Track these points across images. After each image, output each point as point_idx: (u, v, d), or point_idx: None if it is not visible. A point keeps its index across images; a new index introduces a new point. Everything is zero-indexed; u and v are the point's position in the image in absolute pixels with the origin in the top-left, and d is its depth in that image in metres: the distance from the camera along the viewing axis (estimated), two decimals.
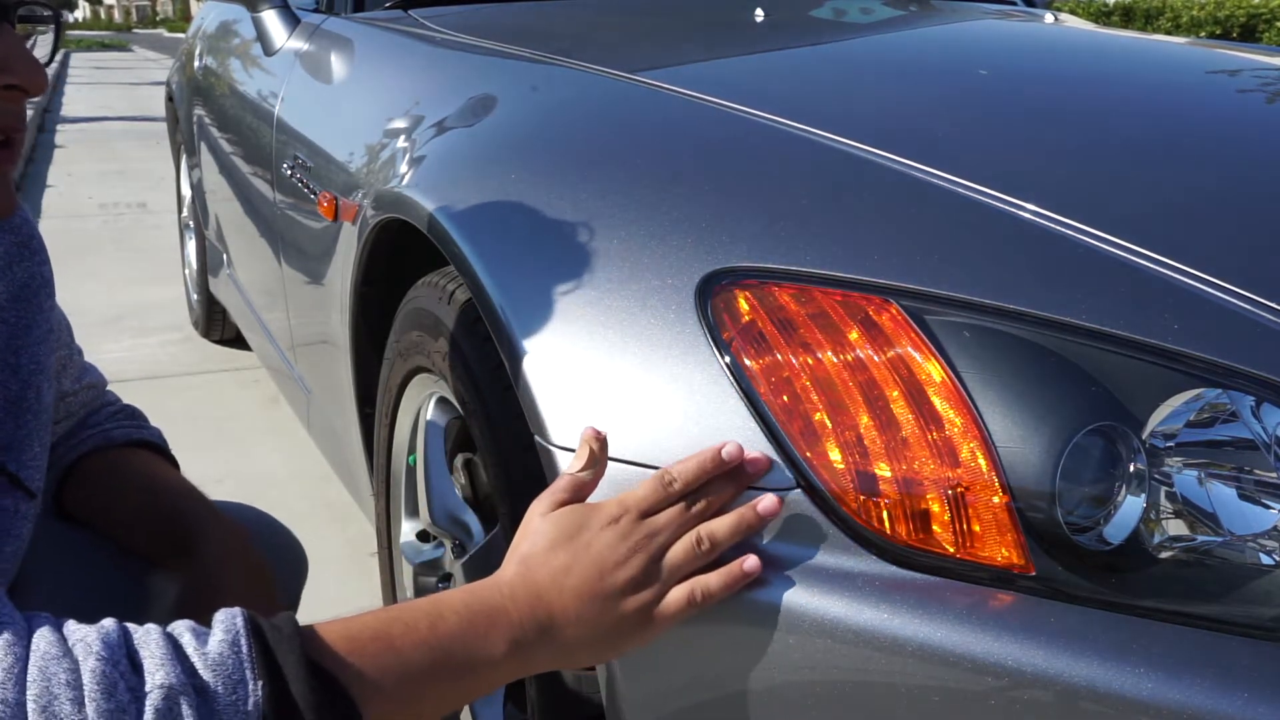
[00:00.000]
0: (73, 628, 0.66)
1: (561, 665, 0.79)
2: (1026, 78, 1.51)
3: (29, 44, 0.75)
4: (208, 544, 0.98)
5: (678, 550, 0.79)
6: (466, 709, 1.25)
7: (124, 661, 0.64)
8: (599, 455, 0.83)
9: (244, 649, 0.66)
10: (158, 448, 1.10)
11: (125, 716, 0.61)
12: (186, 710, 0.63)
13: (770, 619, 0.78)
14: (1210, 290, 0.83)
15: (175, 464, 1.10)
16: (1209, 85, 1.50)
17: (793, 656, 0.78)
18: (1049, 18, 2.12)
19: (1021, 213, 0.92)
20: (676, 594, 0.78)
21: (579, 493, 0.82)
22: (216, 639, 0.66)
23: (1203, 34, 9.41)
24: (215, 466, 2.42)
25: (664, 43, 1.78)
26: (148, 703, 0.62)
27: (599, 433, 0.84)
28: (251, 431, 2.75)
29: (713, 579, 0.79)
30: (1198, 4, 10.01)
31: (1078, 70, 1.56)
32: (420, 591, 1.40)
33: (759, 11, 1.91)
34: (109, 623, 0.66)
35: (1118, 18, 10.29)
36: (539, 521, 0.80)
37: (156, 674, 0.63)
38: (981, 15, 2.07)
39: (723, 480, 0.81)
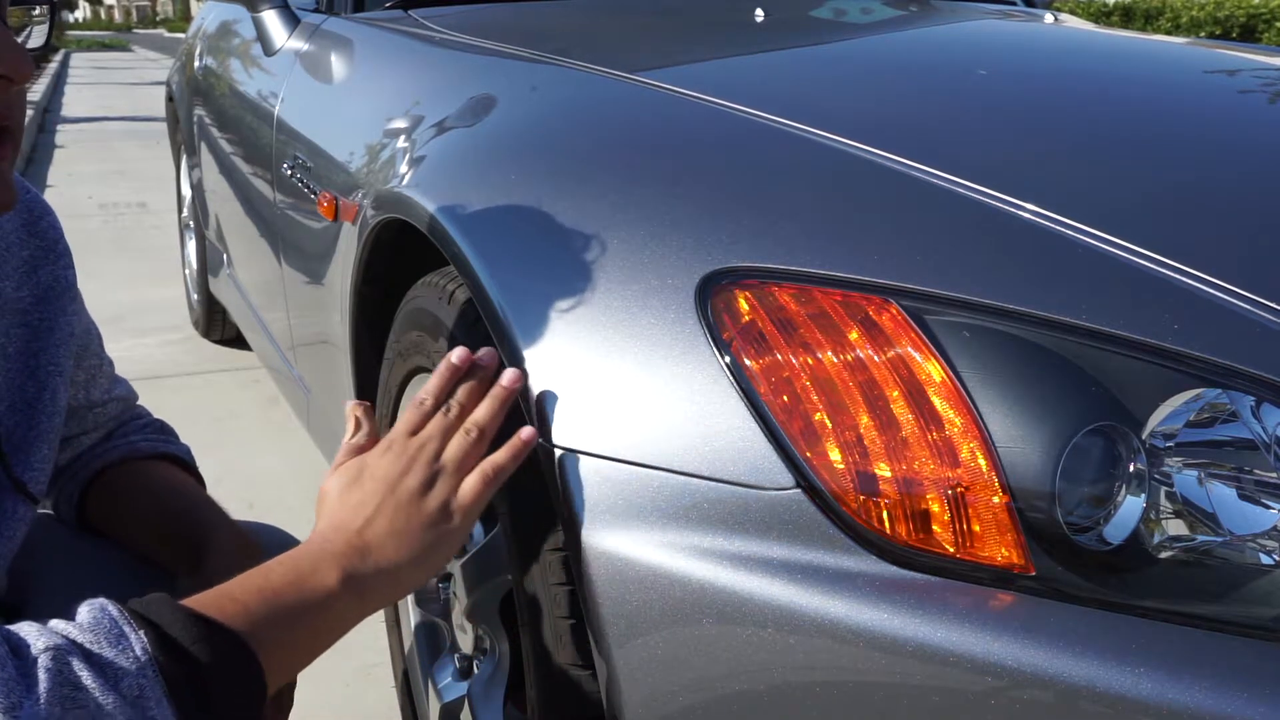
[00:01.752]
0: None
1: (399, 588, 0.84)
2: (1026, 77, 1.51)
3: (25, 33, 0.75)
4: (215, 555, 0.98)
5: (452, 445, 0.88)
6: (466, 708, 1.25)
7: (4, 645, 0.64)
8: (364, 421, 0.92)
9: (113, 611, 0.68)
10: (183, 463, 1.10)
11: (17, 688, 0.61)
12: (79, 667, 0.63)
13: (770, 619, 0.78)
14: (1210, 290, 0.83)
15: (200, 480, 1.09)
16: (1209, 85, 1.51)
17: (793, 656, 0.78)
18: (1049, 18, 2.12)
19: (1021, 213, 0.92)
20: (470, 479, 0.87)
21: (356, 455, 0.90)
22: (83, 612, 0.68)
23: (1203, 34, 9.41)
24: (215, 466, 2.40)
25: (664, 43, 1.78)
26: (39, 668, 0.62)
27: (360, 402, 0.93)
28: (251, 431, 2.75)
29: (499, 454, 0.88)
30: (1198, 4, 10.01)
31: (1077, 70, 1.56)
32: (420, 591, 1.40)
33: (759, 11, 1.91)
34: None
35: (1118, 18, 10.29)
36: (328, 483, 0.87)
37: (38, 642, 0.64)
38: (981, 15, 2.07)
39: (465, 382, 0.91)
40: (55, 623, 0.67)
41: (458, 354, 0.92)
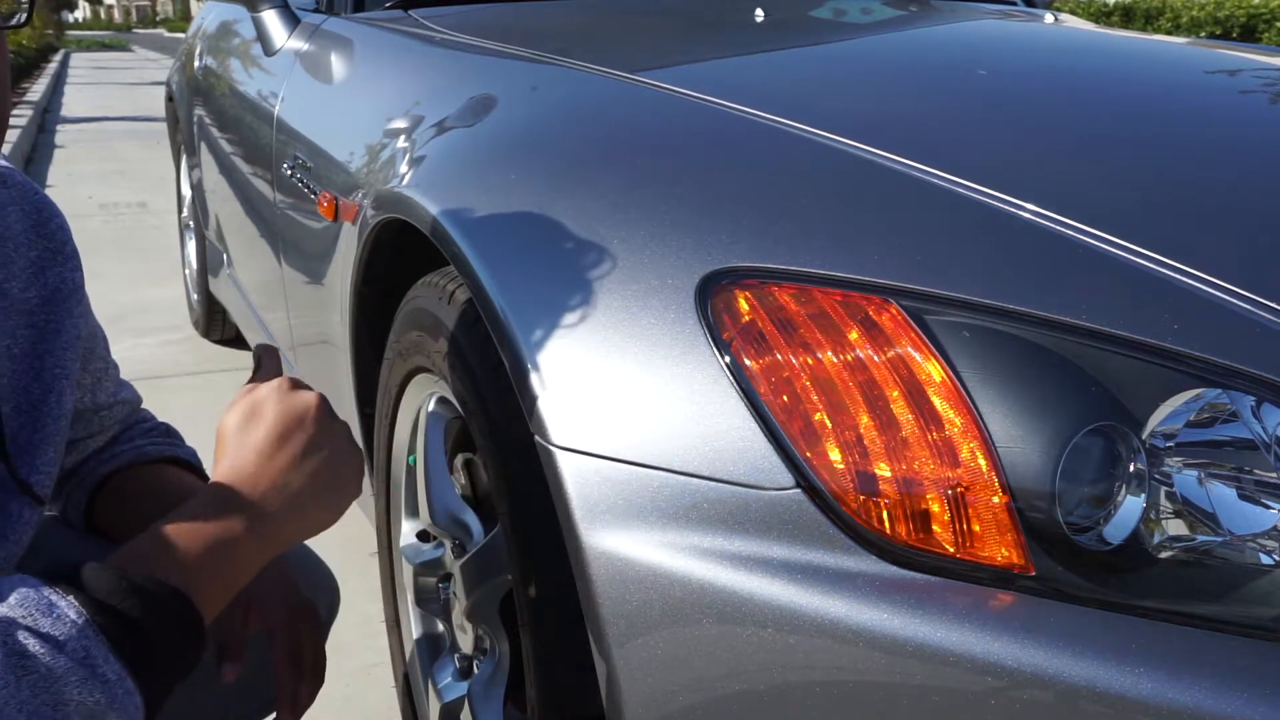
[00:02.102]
0: None
1: (307, 526, 0.81)
2: (1026, 77, 1.51)
3: (15, 18, 0.76)
4: None
5: None
6: (466, 708, 1.25)
7: None
8: (266, 360, 0.89)
9: (34, 583, 0.67)
10: (192, 466, 1.09)
11: None
12: (23, 637, 0.63)
13: (770, 619, 0.78)
14: (1210, 290, 0.83)
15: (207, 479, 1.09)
16: (1209, 85, 1.51)
17: (793, 656, 0.78)
18: (1049, 18, 2.12)
19: (1021, 213, 0.92)
20: None
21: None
22: (5, 592, 0.67)
23: (1203, 34, 9.41)
24: None
25: (664, 43, 1.78)
26: None
27: (267, 345, 0.91)
28: None
29: None
30: (1198, 4, 10.01)
31: (1077, 70, 1.56)
32: (420, 591, 1.40)
33: (759, 11, 1.91)
34: None
35: (1118, 18, 10.29)
36: (224, 421, 0.83)
37: None
38: (981, 15, 2.07)
39: None
40: None
41: None
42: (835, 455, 0.80)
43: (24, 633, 0.64)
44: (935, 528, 0.77)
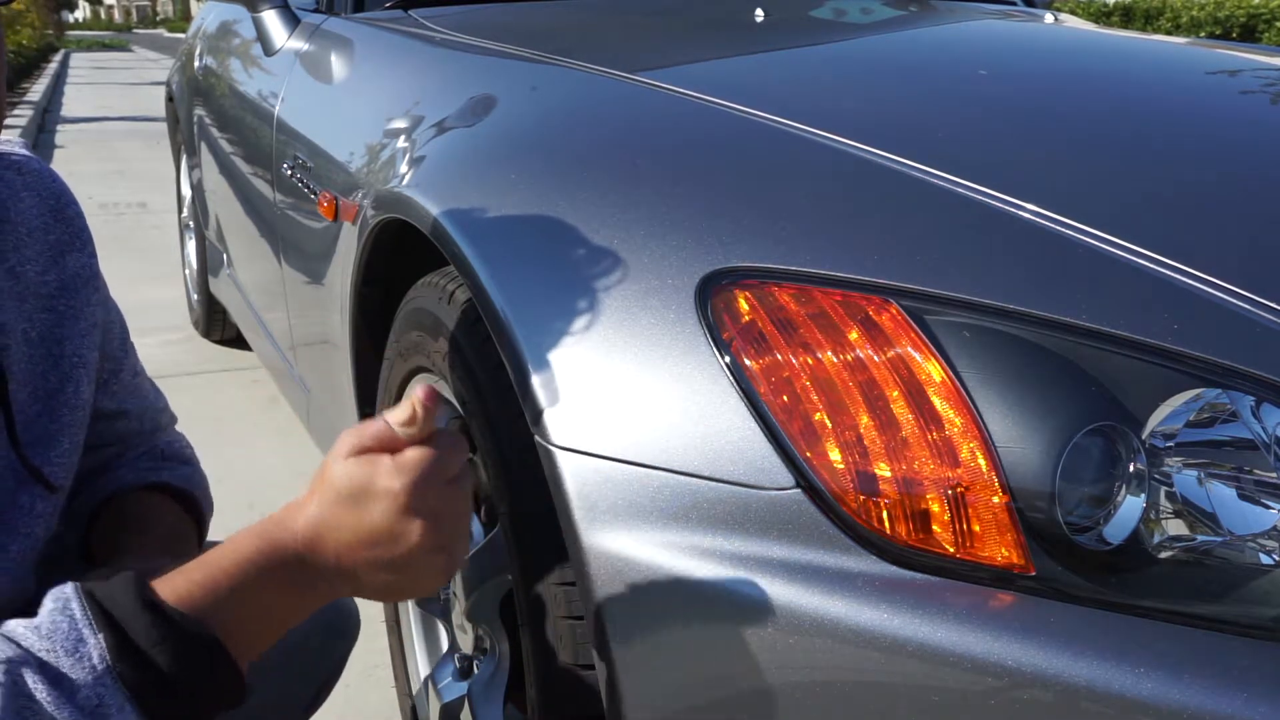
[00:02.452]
0: None
1: (366, 594, 0.76)
2: (1026, 78, 1.51)
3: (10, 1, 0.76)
4: None
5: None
6: (466, 708, 1.25)
7: None
8: (420, 418, 0.73)
9: (76, 611, 0.66)
10: (181, 492, 1.02)
11: None
12: (32, 680, 0.62)
13: (770, 619, 0.78)
14: (1210, 290, 0.83)
15: (194, 505, 1.02)
16: (1209, 85, 1.51)
17: (793, 656, 0.78)
18: (1049, 18, 2.12)
19: (1021, 213, 0.92)
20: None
21: (386, 446, 0.73)
22: (46, 610, 0.66)
23: (1203, 34, 9.41)
24: (215, 466, 2.40)
25: (664, 43, 1.78)
26: None
27: (430, 393, 0.74)
28: (251, 431, 2.75)
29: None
30: (1198, 4, 10.01)
31: (1077, 70, 1.56)
32: None
33: (759, 11, 1.91)
34: None
35: (1118, 18, 10.29)
36: (336, 468, 0.73)
37: None
38: (981, 15, 2.07)
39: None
40: (14, 625, 0.66)
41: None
42: (835, 455, 0.80)
43: (36, 673, 0.63)
44: (935, 528, 0.77)
